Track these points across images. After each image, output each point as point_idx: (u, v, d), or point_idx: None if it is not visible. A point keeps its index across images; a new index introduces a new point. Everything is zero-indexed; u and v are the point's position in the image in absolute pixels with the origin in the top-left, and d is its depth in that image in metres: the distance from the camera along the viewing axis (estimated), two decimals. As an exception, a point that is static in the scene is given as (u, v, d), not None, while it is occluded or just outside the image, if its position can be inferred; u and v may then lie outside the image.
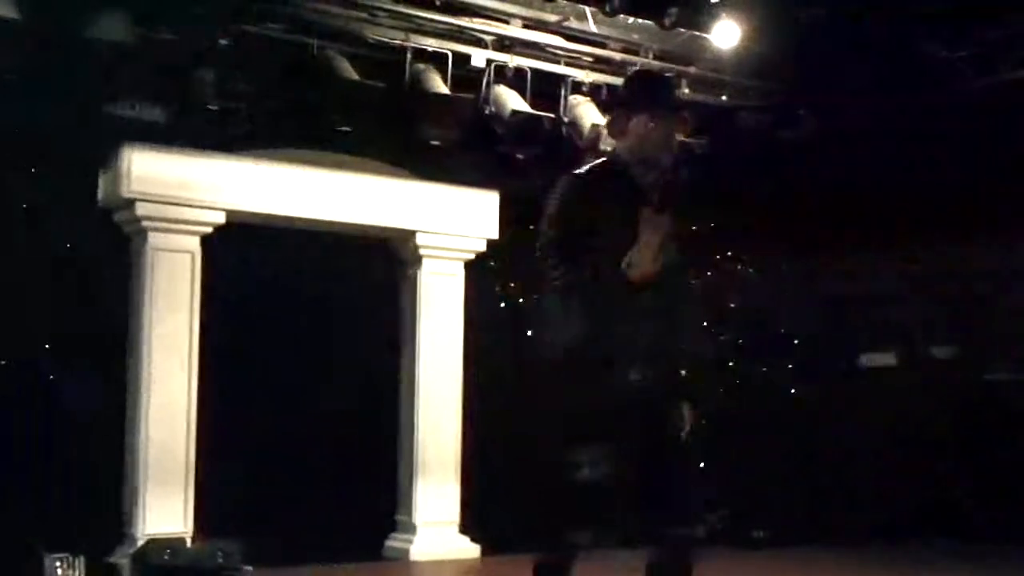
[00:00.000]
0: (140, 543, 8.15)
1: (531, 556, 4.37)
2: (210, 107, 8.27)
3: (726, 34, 8.76)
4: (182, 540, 8.25)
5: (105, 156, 8.48)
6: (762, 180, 10.00)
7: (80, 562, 7.70)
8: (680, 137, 4.34)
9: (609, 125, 4.29)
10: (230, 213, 8.75)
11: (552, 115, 8.85)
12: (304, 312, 9.42)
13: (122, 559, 8.17)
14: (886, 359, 11.33)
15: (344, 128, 8.69)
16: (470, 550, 9.42)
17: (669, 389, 4.15)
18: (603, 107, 8.88)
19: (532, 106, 8.76)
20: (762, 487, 10.53)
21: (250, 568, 8.45)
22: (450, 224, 9.51)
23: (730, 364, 11.13)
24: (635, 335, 4.05)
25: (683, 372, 4.20)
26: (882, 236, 10.56)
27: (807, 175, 9.93)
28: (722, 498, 9.77)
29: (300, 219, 9.03)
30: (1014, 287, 10.36)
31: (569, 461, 4.05)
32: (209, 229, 8.72)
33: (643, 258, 3.90)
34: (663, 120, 4.16)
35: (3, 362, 8.23)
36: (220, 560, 8.21)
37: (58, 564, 7.62)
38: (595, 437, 4.04)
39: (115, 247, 8.68)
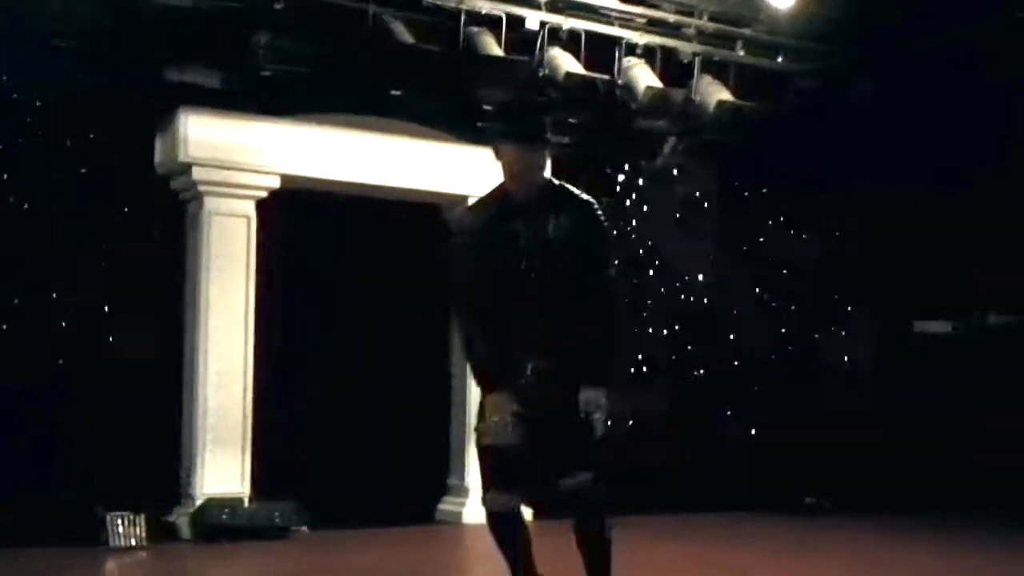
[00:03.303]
0: (199, 502, 8.26)
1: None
2: (265, 71, 8.29)
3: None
4: (240, 500, 8.35)
5: (161, 121, 8.54)
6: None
7: (140, 520, 7.83)
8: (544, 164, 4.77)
9: (494, 150, 4.81)
10: (285, 178, 8.80)
11: (607, 77, 8.80)
12: (358, 276, 9.45)
13: (181, 518, 8.29)
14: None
15: (398, 92, 8.69)
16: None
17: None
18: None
19: (586, 69, 8.71)
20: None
21: (305, 528, 8.55)
22: (502, 189, 9.46)
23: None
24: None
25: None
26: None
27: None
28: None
29: (354, 184, 9.06)
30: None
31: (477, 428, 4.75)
32: (264, 194, 8.78)
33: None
34: (527, 149, 4.65)
35: (63, 323, 8.30)
36: (277, 520, 8.33)
37: (119, 522, 7.76)
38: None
39: (171, 211, 8.76)
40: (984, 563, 7.89)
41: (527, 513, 8.13)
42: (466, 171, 9.37)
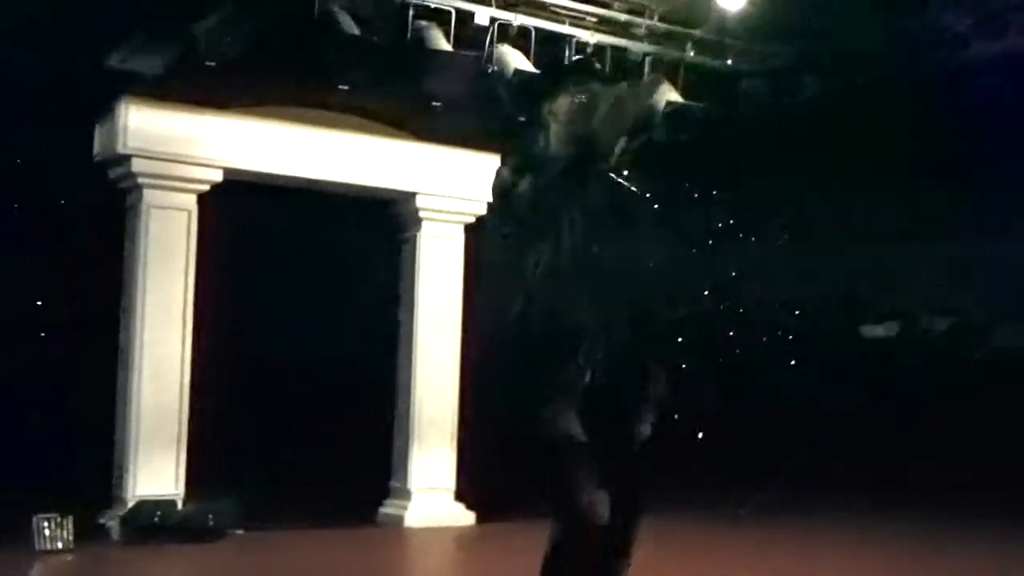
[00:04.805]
0: (130, 504, 8.04)
1: (528, 524, 4.28)
2: (209, 61, 8.10)
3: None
4: (172, 502, 8.14)
5: (101, 110, 8.33)
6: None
7: (68, 522, 7.59)
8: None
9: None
10: (228, 171, 8.62)
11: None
12: (301, 272, 9.29)
13: (111, 520, 8.07)
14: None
15: (344, 86, 8.54)
16: (465, 517, 9.32)
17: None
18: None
19: (535, 66, 8.59)
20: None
21: (241, 531, 8.35)
22: (450, 187, 9.37)
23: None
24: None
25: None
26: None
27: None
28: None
29: (298, 178, 8.89)
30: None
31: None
32: (206, 187, 8.60)
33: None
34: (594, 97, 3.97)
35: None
36: (211, 521, 8.12)
37: (46, 524, 7.51)
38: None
39: (110, 203, 8.54)
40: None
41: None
42: (411, 167, 9.26)
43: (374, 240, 9.59)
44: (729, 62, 9.68)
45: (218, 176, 8.60)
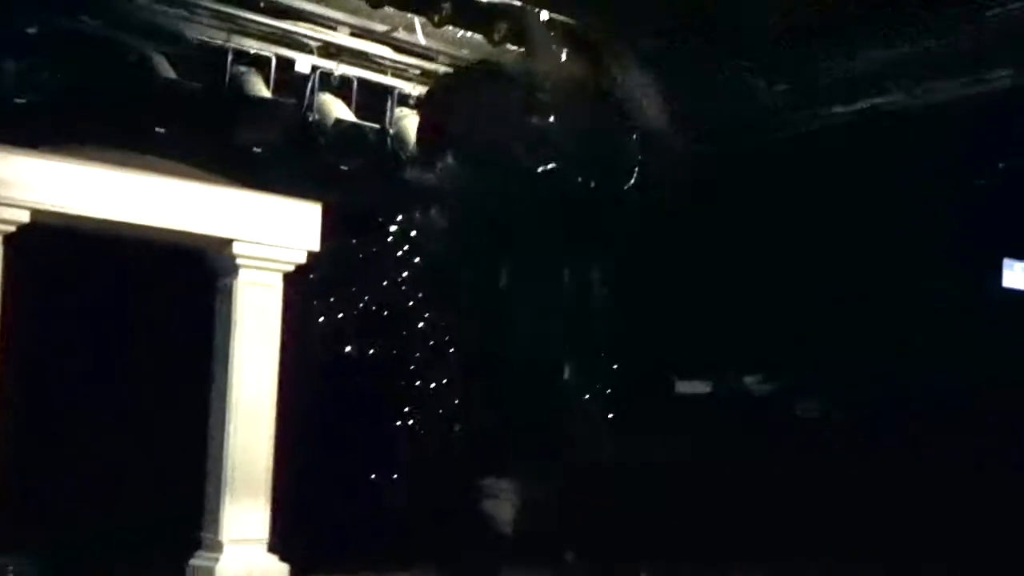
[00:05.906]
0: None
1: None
2: (17, 99, 7.90)
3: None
4: (-37, 558, 7.81)
5: None
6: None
7: None
8: None
9: None
10: (35, 212, 8.35)
11: (377, 126, 8.75)
12: (114, 319, 9.07)
13: None
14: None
15: (160, 129, 8.42)
16: (279, 570, 9.15)
17: None
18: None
19: (357, 116, 8.64)
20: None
21: (41, 587, 8.06)
22: (269, 234, 9.25)
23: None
24: None
25: None
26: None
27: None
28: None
29: (111, 222, 8.65)
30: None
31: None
32: (12, 228, 8.30)
33: None
34: None
35: None
36: (8, 577, 7.82)
37: None
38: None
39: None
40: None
41: None
42: (228, 214, 9.13)
43: (190, 286, 9.42)
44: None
45: (25, 217, 8.31)
